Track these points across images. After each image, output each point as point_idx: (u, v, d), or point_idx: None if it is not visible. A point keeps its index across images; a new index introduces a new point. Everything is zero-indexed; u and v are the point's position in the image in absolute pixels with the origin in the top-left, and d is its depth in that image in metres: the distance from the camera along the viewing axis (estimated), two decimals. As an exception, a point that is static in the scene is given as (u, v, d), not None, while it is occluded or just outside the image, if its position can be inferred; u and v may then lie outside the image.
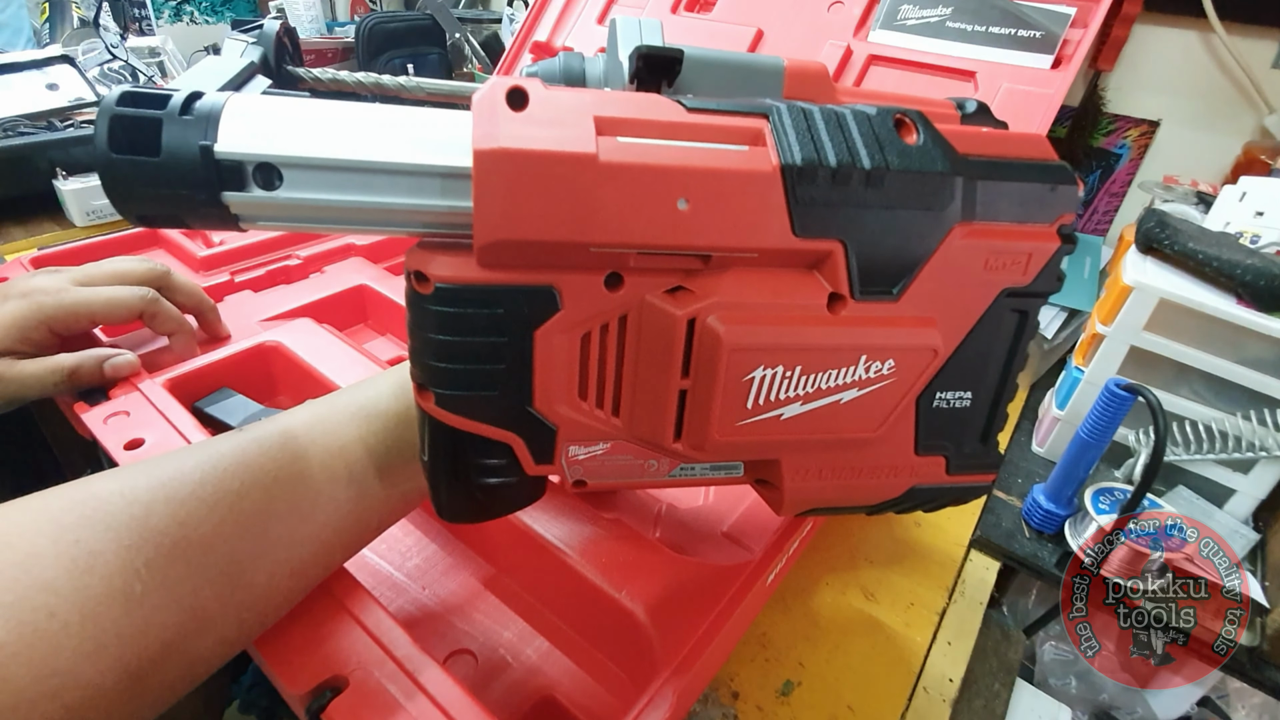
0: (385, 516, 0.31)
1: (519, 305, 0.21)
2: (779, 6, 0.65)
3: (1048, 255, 0.24)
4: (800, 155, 0.21)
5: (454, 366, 0.21)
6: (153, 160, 0.20)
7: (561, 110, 0.20)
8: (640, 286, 0.22)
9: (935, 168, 0.22)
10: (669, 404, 0.23)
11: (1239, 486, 0.51)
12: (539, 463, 0.24)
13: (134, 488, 0.25)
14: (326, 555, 0.29)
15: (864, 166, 0.21)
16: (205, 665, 0.25)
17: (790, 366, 0.23)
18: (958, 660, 0.42)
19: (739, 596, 0.33)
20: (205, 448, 0.28)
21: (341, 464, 0.29)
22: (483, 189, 0.19)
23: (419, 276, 0.20)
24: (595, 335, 0.22)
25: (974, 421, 0.27)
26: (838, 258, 0.22)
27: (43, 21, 1.34)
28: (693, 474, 0.26)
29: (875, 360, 0.23)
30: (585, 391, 0.23)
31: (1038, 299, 0.25)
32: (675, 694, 0.28)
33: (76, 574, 0.22)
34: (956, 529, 0.51)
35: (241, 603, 0.26)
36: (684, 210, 0.20)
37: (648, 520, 0.41)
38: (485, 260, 0.20)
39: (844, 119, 0.22)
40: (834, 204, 0.21)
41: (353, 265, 0.64)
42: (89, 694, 0.22)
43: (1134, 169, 0.80)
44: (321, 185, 0.20)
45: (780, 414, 0.23)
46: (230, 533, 0.25)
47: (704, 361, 0.22)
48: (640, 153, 0.20)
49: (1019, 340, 0.26)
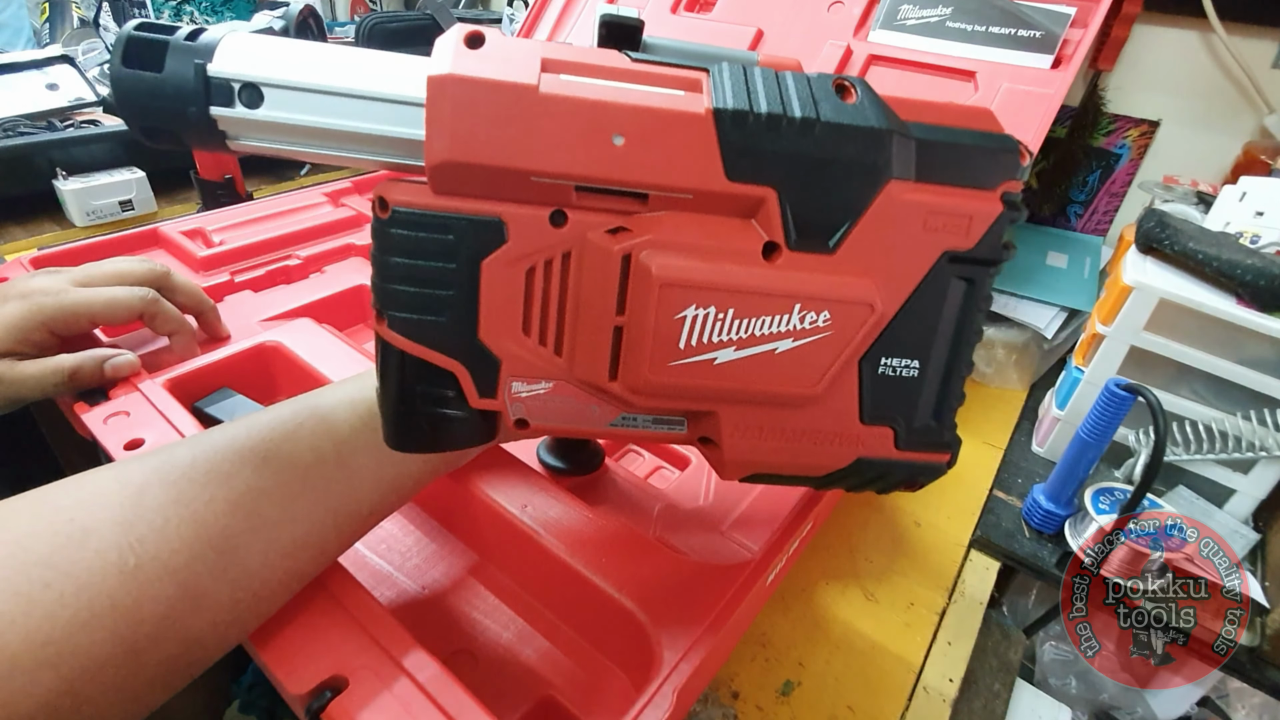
0: (378, 502, 0.31)
1: (468, 234, 0.22)
2: (779, 6, 0.65)
3: (990, 219, 0.24)
4: (733, 101, 0.22)
5: (406, 289, 0.23)
6: (156, 75, 0.23)
7: (513, 50, 0.22)
8: (583, 225, 0.23)
9: (869, 123, 0.23)
10: (605, 341, 0.24)
11: (1239, 486, 0.51)
12: (483, 395, 0.25)
13: (127, 471, 0.26)
14: (319, 538, 0.29)
15: (795, 115, 0.22)
16: (202, 649, 0.26)
17: (723, 308, 0.23)
18: (958, 660, 0.42)
19: (739, 596, 0.33)
20: (198, 437, 0.29)
21: (330, 445, 0.29)
22: (433, 113, 0.21)
23: (381, 203, 0.22)
24: (539, 270, 0.23)
25: (925, 394, 0.27)
26: (771, 205, 0.23)
27: (43, 21, 1.34)
28: (634, 425, 0.27)
29: (810, 310, 0.24)
30: (529, 326, 0.24)
31: (984, 267, 0.25)
32: (675, 694, 0.28)
33: (71, 548, 0.23)
34: (956, 529, 0.51)
35: (235, 580, 0.26)
36: (619, 146, 0.22)
37: (648, 520, 0.41)
38: (437, 186, 0.22)
39: (783, 77, 0.23)
40: (765, 150, 0.22)
41: (353, 265, 0.64)
42: (85, 664, 0.22)
43: (1134, 169, 0.80)
44: (298, 107, 0.23)
45: (714, 358, 0.24)
46: (221, 509, 0.26)
47: (637, 297, 0.23)
48: (579, 88, 0.21)
49: (968, 311, 0.26)
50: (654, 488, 0.44)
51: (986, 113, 0.25)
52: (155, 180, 0.81)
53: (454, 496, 0.40)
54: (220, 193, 0.76)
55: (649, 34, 0.28)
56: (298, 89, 0.23)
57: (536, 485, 0.38)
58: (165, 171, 0.83)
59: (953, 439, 0.28)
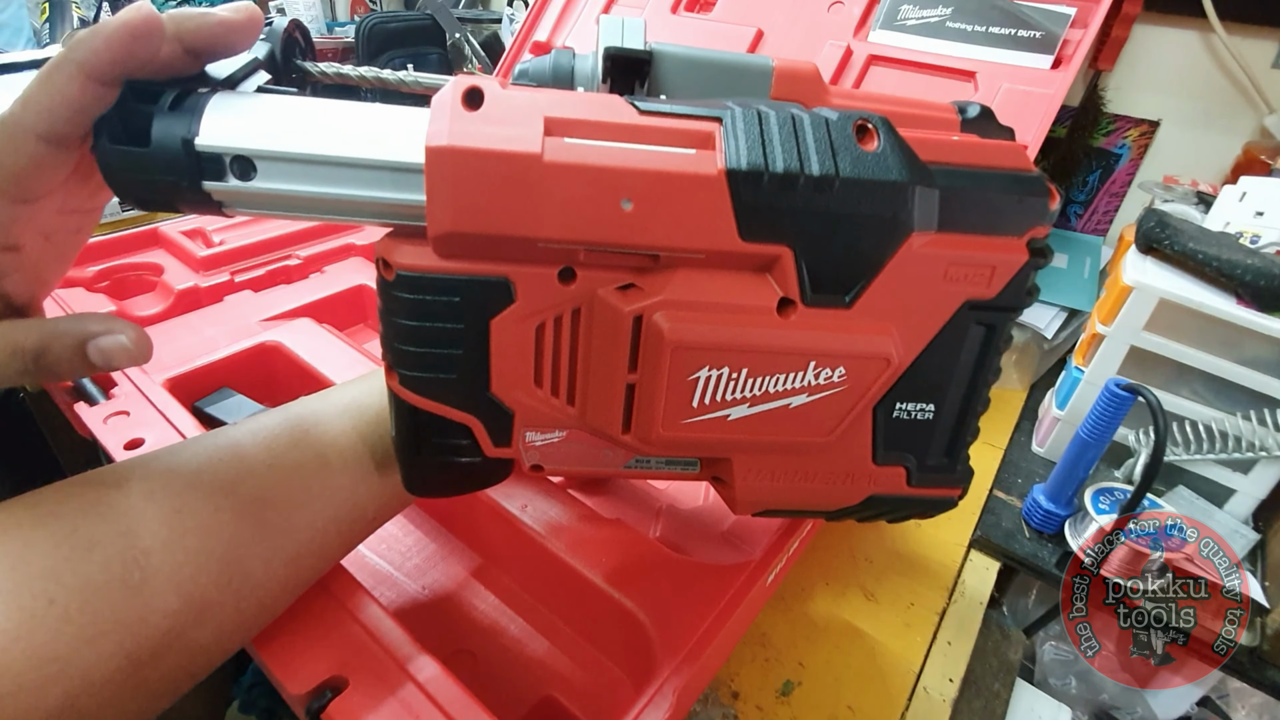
0: (381, 507, 0.31)
1: (475, 295, 0.22)
2: (779, 6, 0.65)
3: (1014, 269, 0.23)
4: (746, 159, 0.21)
5: (415, 349, 0.23)
6: (143, 150, 0.21)
7: (514, 110, 0.21)
8: (592, 281, 0.22)
9: (890, 176, 0.21)
10: (618, 397, 0.23)
11: (1239, 486, 0.51)
12: (497, 445, 0.25)
13: (129, 479, 0.25)
14: (322, 544, 0.29)
15: (812, 173, 0.21)
16: (206, 657, 0.26)
17: (736, 368, 0.23)
18: (958, 660, 0.42)
19: (739, 596, 0.33)
20: (200, 441, 0.28)
21: (335, 453, 0.29)
22: (433, 183, 0.20)
23: (384, 263, 0.22)
24: (549, 326, 0.23)
25: (938, 434, 0.26)
26: (787, 262, 0.22)
27: (43, 21, 1.34)
28: (648, 467, 0.27)
29: (825, 367, 0.23)
30: (540, 379, 0.24)
31: (1005, 313, 0.24)
32: (675, 694, 0.28)
33: (75, 562, 0.22)
34: (956, 529, 0.51)
35: (240, 591, 0.26)
36: (628, 210, 0.21)
37: (648, 520, 0.41)
38: (441, 250, 0.21)
39: (801, 124, 0.22)
40: (780, 209, 0.21)
41: (353, 265, 0.64)
42: (89, 680, 0.22)
43: (1134, 169, 0.80)
44: (292, 177, 0.22)
45: (727, 415, 0.24)
46: (226, 520, 0.26)
47: (649, 358, 0.22)
48: (585, 153, 0.20)
49: (986, 355, 0.25)
50: (654, 488, 0.44)
51: (1016, 150, 0.24)
52: (155, 180, 0.81)
53: (455, 497, 0.40)
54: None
55: (655, 39, 0.28)
56: (289, 159, 0.22)
57: (536, 485, 0.38)
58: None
59: (965, 473, 0.27)
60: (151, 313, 0.54)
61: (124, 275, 0.58)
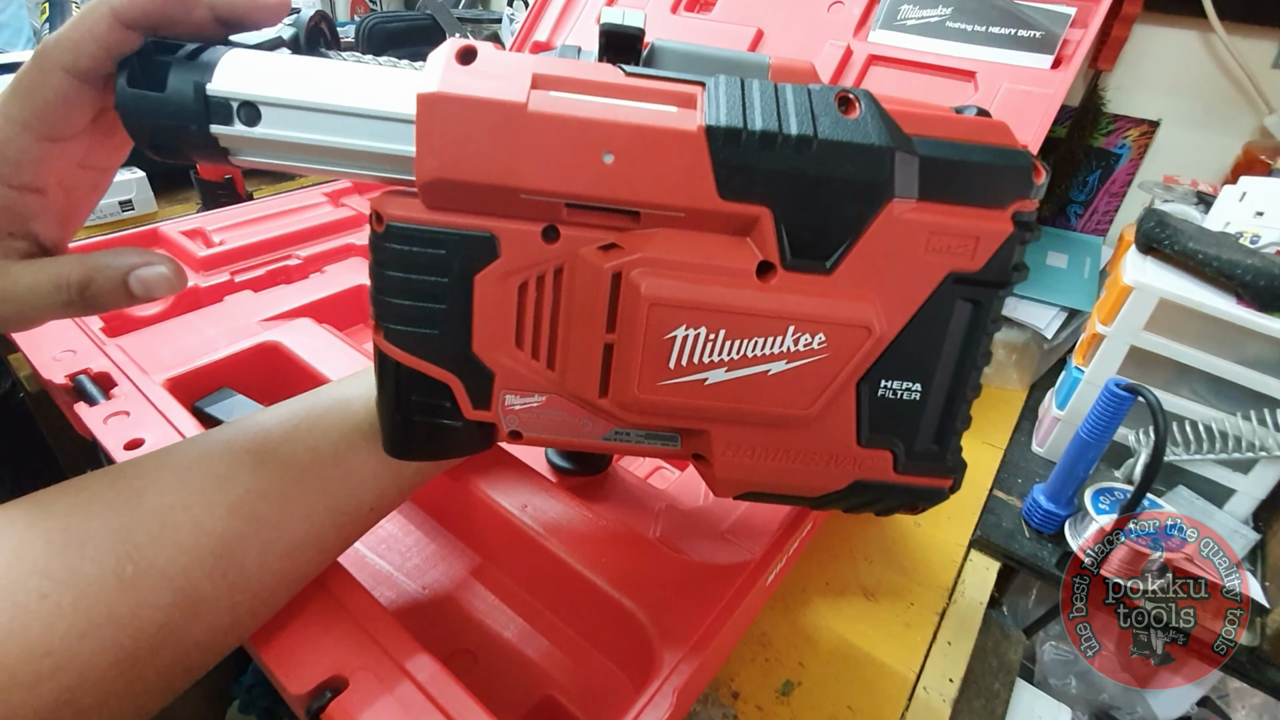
0: (377, 500, 0.31)
1: (460, 249, 0.23)
2: (779, 6, 0.65)
3: (998, 241, 0.23)
4: (726, 118, 0.21)
5: (401, 302, 0.23)
6: (159, 94, 0.23)
7: (504, 66, 0.21)
8: (575, 241, 0.23)
9: (870, 140, 0.22)
10: (595, 357, 0.24)
11: (1239, 486, 0.51)
12: (476, 407, 0.25)
13: (122, 476, 0.26)
14: (319, 538, 0.29)
15: (791, 133, 0.21)
16: (201, 654, 0.26)
17: (714, 329, 0.23)
18: (958, 660, 0.42)
19: (739, 596, 0.33)
20: (193, 439, 0.28)
21: (329, 446, 0.29)
22: (423, 130, 0.21)
23: (376, 217, 0.23)
24: (532, 285, 0.23)
25: (926, 418, 0.26)
26: (766, 224, 0.22)
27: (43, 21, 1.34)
28: (627, 439, 0.26)
29: (804, 333, 0.23)
30: (521, 340, 0.24)
31: (992, 289, 0.24)
32: (675, 694, 0.28)
33: (68, 558, 0.23)
34: (956, 529, 0.51)
35: (234, 585, 0.26)
36: (609, 164, 0.21)
37: (648, 520, 0.41)
38: (429, 201, 0.22)
39: (782, 91, 0.22)
40: (759, 169, 0.22)
41: (353, 265, 0.64)
42: (84, 675, 0.22)
43: (1134, 169, 0.80)
44: (294, 124, 0.23)
45: (704, 378, 0.24)
46: (220, 513, 0.26)
47: (627, 315, 0.23)
48: (568, 106, 0.21)
49: (974, 334, 0.25)
50: (654, 488, 0.44)
51: (1000, 126, 0.23)
52: (155, 180, 0.81)
53: (454, 497, 0.40)
54: (220, 193, 0.76)
55: (655, 37, 0.28)
56: (293, 107, 0.23)
57: (536, 485, 0.38)
58: (165, 171, 0.83)
59: (956, 463, 0.27)
60: (151, 313, 0.54)
61: (124, 275, 0.58)
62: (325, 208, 0.71)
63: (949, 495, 0.27)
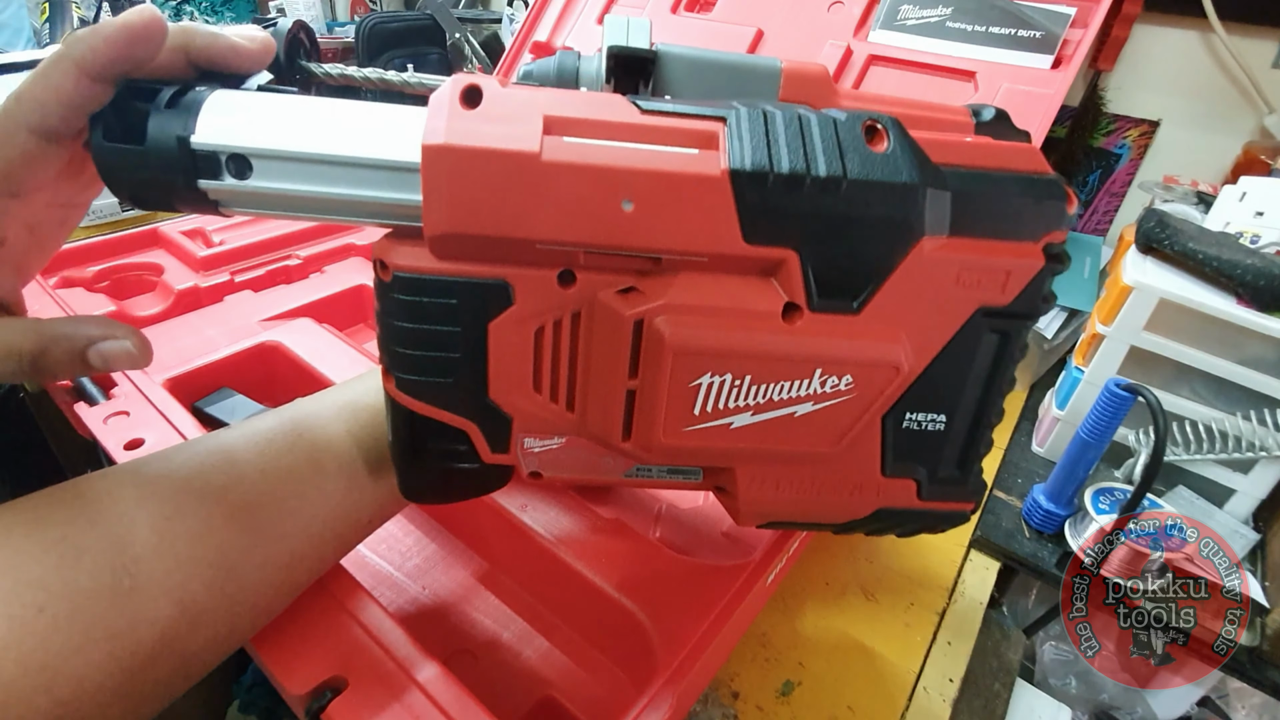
0: (376, 511, 0.31)
1: (473, 297, 0.21)
2: (779, 6, 0.65)
3: (1030, 274, 0.23)
4: (751, 160, 0.20)
5: (412, 353, 0.22)
6: (138, 148, 0.21)
7: (512, 108, 0.20)
8: (593, 285, 0.22)
9: (900, 178, 0.21)
10: (618, 403, 0.23)
11: (1239, 486, 0.51)
12: (495, 451, 0.24)
13: (120, 485, 0.25)
14: (317, 549, 0.29)
15: (819, 173, 0.20)
16: (199, 663, 0.25)
17: (739, 375, 0.22)
18: (958, 660, 0.42)
19: (739, 596, 0.33)
20: (192, 446, 0.28)
21: (329, 457, 0.29)
22: (430, 183, 0.20)
23: (381, 265, 0.22)
24: (549, 330, 0.23)
25: (950, 446, 0.25)
26: (792, 266, 0.21)
27: (43, 21, 1.34)
28: (649, 475, 0.26)
29: (831, 375, 0.22)
30: (539, 385, 0.23)
31: (1021, 321, 0.24)
32: (675, 694, 0.28)
33: (64, 570, 0.22)
34: (956, 529, 0.50)
35: (233, 596, 0.25)
36: (629, 211, 0.20)
37: (648, 520, 0.41)
38: (439, 252, 0.21)
39: (808, 124, 0.21)
40: (785, 211, 0.21)
41: (353, 265, 0.64)
42: (80, 688, 0.21)
43: (1134, 169, 0.80)
44: (288, 176, 0.21)
45: (730, 423, 0.23)
46: (218, 525, 0.25)
47: (650, 363, 0.22)
48: (584, 153, 0.20)
49: (1000, 364, 0.24)
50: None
51: (1032, 152, 0.23)
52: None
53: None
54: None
55: (658, 40, 0.27)
56: (286, 158, 0.21)
57: (536, 485, 0.38)
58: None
59: (978, 486, 0.27)
60: (151, 313, 0.54)
61: (124, 275, 0.58)
62: (325, 208, 0.71)
63: (969, 518, 0.27)
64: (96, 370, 0.26)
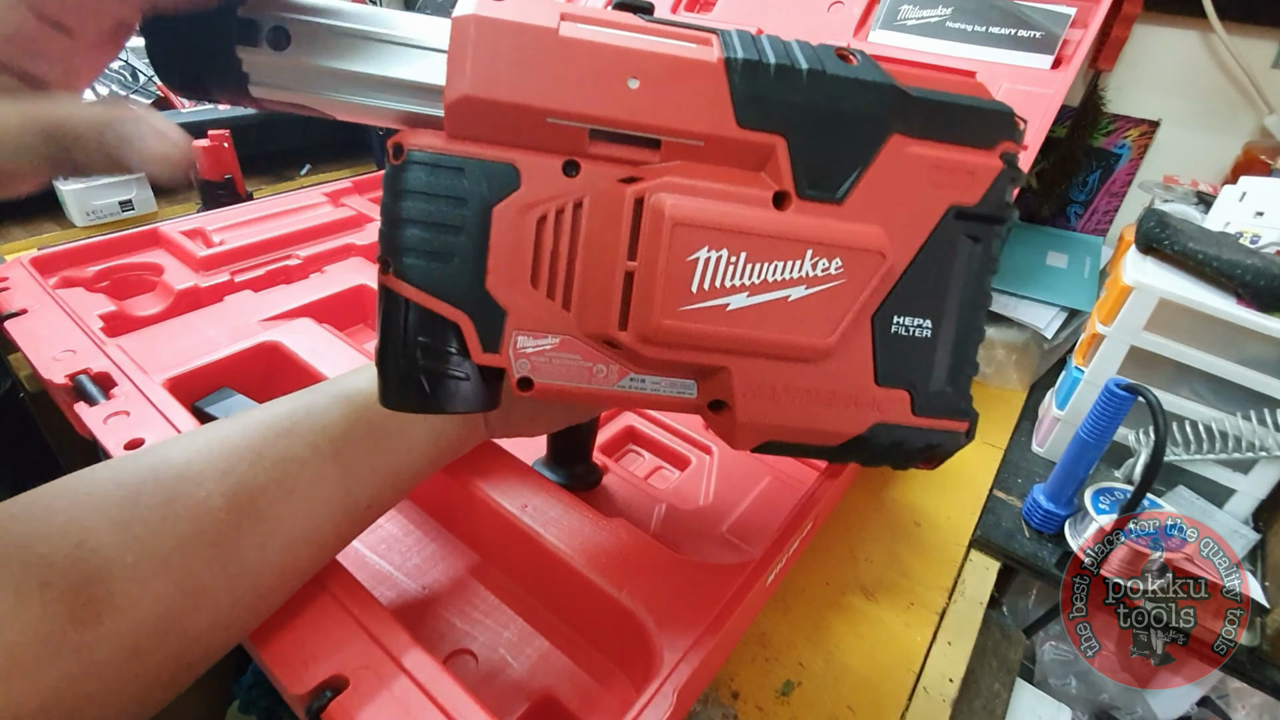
0: (375, 496, 0.31)
1: (481, 178, 0.23)
2: (779, 6, 0.65)
3: (992, 175, 0.25)
4: (742, 53, 0.23)
5: (417, 233, 0.23)
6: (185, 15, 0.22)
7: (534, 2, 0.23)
8: (595, 176, 0.24)
9: (872, 78, 0.24)
10: (615, 288, 0.24)
11: (1239, 486, 0.51)
12: (486, 349, 0.24)
13: (121, 471, 0.26)
14: (317, 532, 0.29)
15: (801, 67, 0.23)
16: (203, 646, 0.26)
17: (735, 251, 0.24)
18: (958, 660, 0.42)
19: (739, 596, 0.33)
20: (192, 435, 0.29)
21: (325, 441, 0.29)
22: (456, 50, 0.22)
23: (396, 150, 0.23)
24: (551, 219, 0.24)
25: (939, 357, 0.27)
26: (781, 154, 0.24)
27: (43, 21, 1.33)
28: (643, 387, 0.26)
29: (822, 257, 0.24)
30: (537, 278, 0.24)
31: (991, 225, 0.26)
32: (675, 694, 0.28)
33: (68, 548, 0.23)
34: (956, 529, 0.51)
35: (235, 576, 0.26)
36: (634, 89, 0.23)
37: (648, 521, 0.41)
38: (453, 128, 0.23)
39: (789, 42, 0.24)
40: (774, 99, 0.23)
41: (353, 265, 0.64)
42: (87, 663, 0.22)
43: (1134, 169, 0.80)
44: (323, 50, 0.23)
45: (726, 303, 0.24)
46: (218, 505, 0.26)
47: (650, 239, 0.23)
48: (597, 34, 0.22)
49: (977, 272, 0.26)
50: (654, 489, 0.44)
51: (979, 84, 0.26)
52: (155, 180, 0.81)
53: (454, 497, 0.40)
54: (220, 192, 0.76)
55: None
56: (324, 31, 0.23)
57: (537, 485, 0.38)
58: (165, 171, 0.83)
59: (969, 408, 0.28)
60: (151, 313, 0.54)
61: (124, 275, 0.58)
62: (325, 208, 0.71)
63: (965, 442, 0.28)
64: (112, 162, 0.20)
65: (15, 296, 0.50)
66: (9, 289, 0.50)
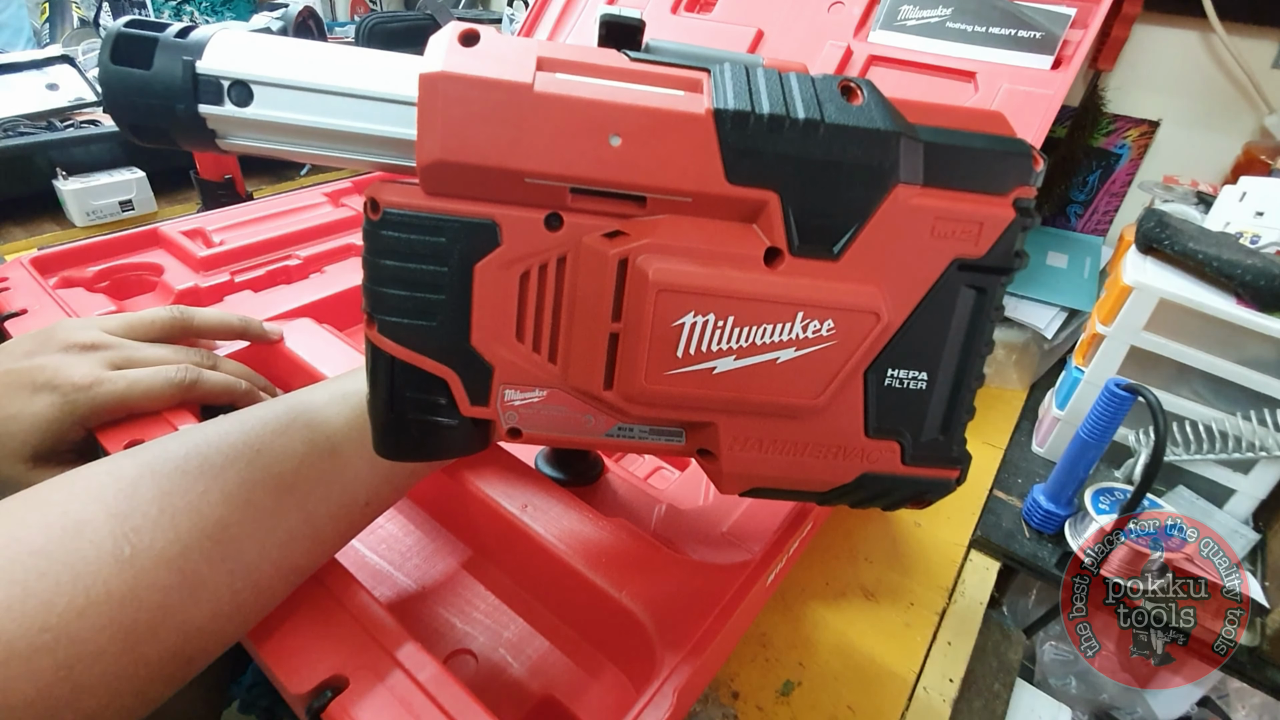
0: (374, 493, 0.31)
1: (460, 236, 0.22)
2: (779, 7, 0.65)
3: (1001, 226, 0.23)
4: (734, 101, 0.21)
5: (397, 293, 0.23)
6: (144, 72, 0.22)
7: (508, 48, 0.21)
8: (579, 229, 0.22)
9: (875, 125, 0.22)
10: (600, 348, 0.23)
11: (1239, 486, 0.51)
12: (474, 403, 0.24)
13: (120, 466, 0.26)
14: (316, 528, 0.29)
15: (798, 116, 0.21)
16: (202, 639, 0.26)
17: (722, 315, 0.23)
18: (958, 660, 0.42)
19: (739, 596, 0.33)
20: (189, 432, 0.29)
21: (324, 438, 0.30)
22: (425, 111, 0.20)
23: (372, 205, 0.22)
24: (534, 275, 0.23)
25: (933, 407, 0.25)
26: (773, 209, 0.22)
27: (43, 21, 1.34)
28: (631, 435, 0.26)
29: (813, 319, 0.23)
30: (522, 333, 0.24)
31: (995, 276, 0.24)
32: (675, 694, 0.28)
33: (66, 539, 0.23)
34: (956, 529, 0.51)
35: (233, 570, 0.26)
36: (616, 146, 0.21)
37: (648, 521, 0.41)
38: (429, 186, 0.22)
39: (787, 78, 0.22)
40: (767, 152, 0.22)
41: (353, 265, 0.64)
42: (83, 652, 0.22)
43: (1134, 169, 0.80)
44: (288, 105, 0.23)
45: (713, 367, 0.23)
46: (216, 500, 0.26)
47: (634, 302, 0.22)
48: (575, 87, 0.21)
49: (979, 321, 0.25)
50: (654, 489, 0.44)
51: (997, 116, 0.24)
52: (155, 180, 0.81)
53: (454, 496, 0.40)
54: (220, 193, 0.76)
55: (651, 37, 0.28)
56: (287, 87, 0.22)
57: (537, 485, 0.38)
58: (165, 171, 0.84)
59: (962, 454, 0.27)
60: (151, 313, 0.53)
61: (124, 275, 0.58)
62: (325, 208, 0.71)
63: (956, 487, 0.27)
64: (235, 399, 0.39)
65: (15, 297, 0.49)
66: (9, 289, 0.50)
